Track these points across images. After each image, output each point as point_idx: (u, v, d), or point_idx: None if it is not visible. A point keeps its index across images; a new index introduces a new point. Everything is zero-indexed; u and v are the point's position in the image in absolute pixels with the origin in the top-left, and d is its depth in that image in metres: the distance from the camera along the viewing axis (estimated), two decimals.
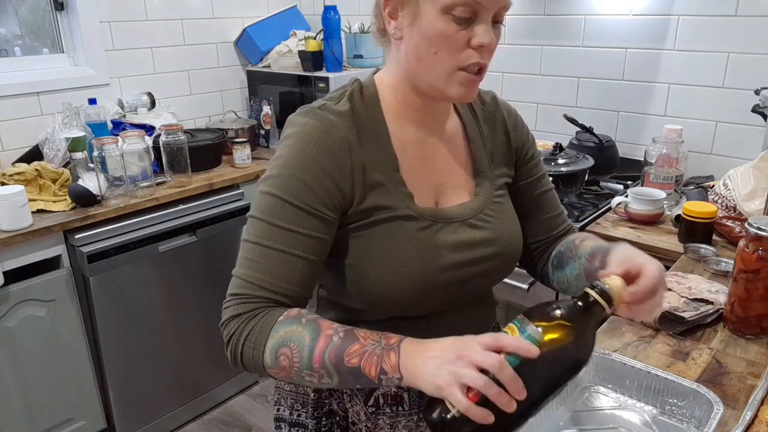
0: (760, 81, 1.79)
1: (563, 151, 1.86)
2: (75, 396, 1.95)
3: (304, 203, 0.78)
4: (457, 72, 0.78)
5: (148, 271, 2.03)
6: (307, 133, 0.80)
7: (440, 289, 0.84)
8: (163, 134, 2.10)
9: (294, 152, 0.80)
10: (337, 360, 0.72)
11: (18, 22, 2.30)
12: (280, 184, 0.79)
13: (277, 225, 0.78)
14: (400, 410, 0.92)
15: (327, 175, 0.79)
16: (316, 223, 0.79)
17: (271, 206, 0.79)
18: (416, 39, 0.78)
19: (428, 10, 0.76)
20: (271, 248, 0.78)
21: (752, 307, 1.04)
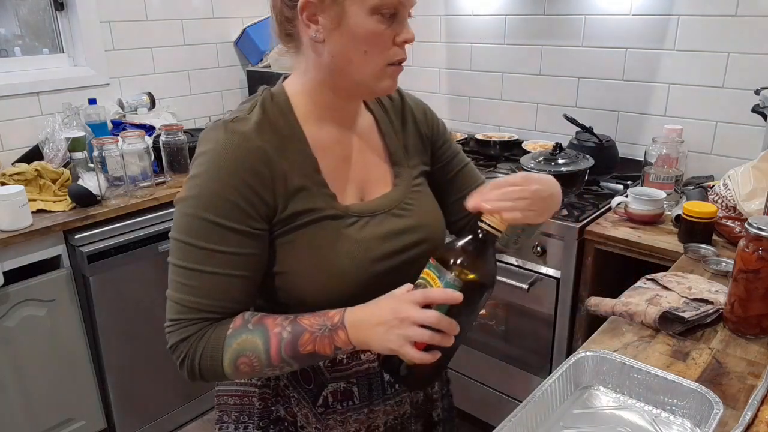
0: (760, 81, 1.79)
1: (563, 151, 1.86)
2: (75, 396, 1.95)
3: (230, 221, 0.78)
4: (387, 68, 0.82)
5: (148, 271, 2.03)
6: (222, 149, 0.78)
7: (374, 281, 0.85)
8: (163, 134, 2.10)
9: (211, 169, 0.78)
10: (294, 352, 0.77)
11: (18, 22, 2.30)
12: (203, 204, 0.78)
13: (206, 248, 0.78)
14: (350, 405, 0.93)
15: (248, 187, 0.78)
16: (245, 240, 0.79)
17: (197, 228, 0.78)
18: (344, 40, 0.79)
19: (355, 11, 0.77)
20: (204, 272, 0.79)
21: (752, 307, 1.04)
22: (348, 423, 0.93)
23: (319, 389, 0.91)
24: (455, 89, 2.58)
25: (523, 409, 0.84)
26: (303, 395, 0.92)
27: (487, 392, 2.04)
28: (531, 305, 1.85)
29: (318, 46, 0.81)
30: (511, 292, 1.87)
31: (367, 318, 0.76)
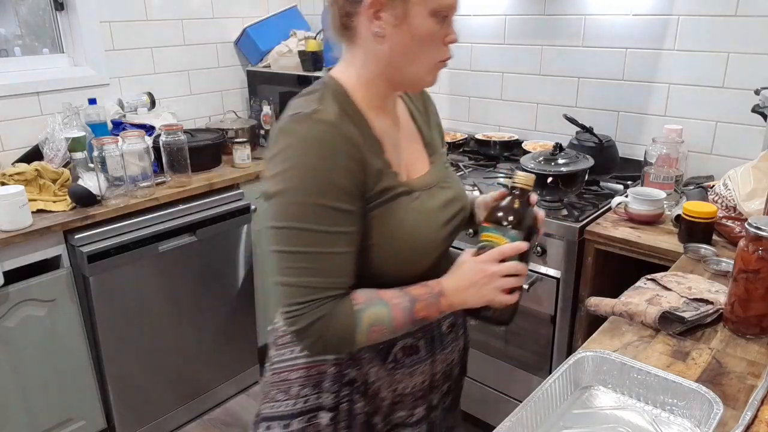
0: (760, 81, 1.79)
1: (563, 151, 1.85)
2: (75, 396, 1.95)
3: (340, 203, 0.85)
4: (437, 65, 0.91)
5: (148, 271, 2.03)
6: (315, 139, 0.84)
7: (441, 243, 0.99)
8: (163, 134, 2.10)
9: (310, 158, 0.84)
10: (411, 318, 0.92)
11: (18, 22, 2.30)
12: (311, 190, 0.84)
13: (323, 230, 0.85)
14: (416, 358, 1.05)
15: (348, 170, 0.86)
16: (353, 219, 0.88)
17: (311, 213, 0.85)
18: (404, 38, 0.87)
19: (418, 11, 0.85)
20: (324, 253, 0.86)
21: (752, 307, 1.04)
22: (415, 375, 1.05)
23: (389, 347, 1.01)
24: (455, 89, 2.58)
25: (523, 409, 0.85)
26: (374, 354, 1.01)
27: (487, 392, 2.04)
28: (531, 305, 1.85)
29: (379, 41, 0.88)
30: None
31: (460, 282, 0.92)
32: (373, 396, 1.03)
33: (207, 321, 2.27)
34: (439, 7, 0.86)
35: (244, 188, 2.31)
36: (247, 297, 2.41)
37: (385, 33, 0.87)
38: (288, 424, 1.04)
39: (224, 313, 2.33)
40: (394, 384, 1.03)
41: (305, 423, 1.03)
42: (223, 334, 2.35)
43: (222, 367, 2.39)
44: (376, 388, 1.02)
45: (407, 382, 1.05)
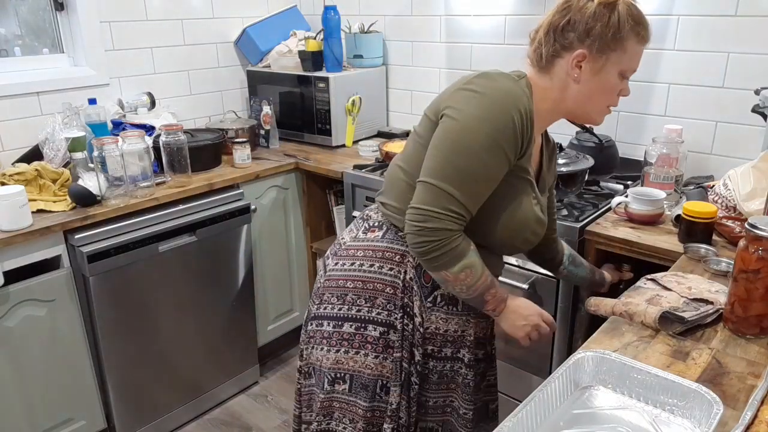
0: (760, 81, 1.79)
1: (563, 151, 1.85)
2: (75, 396, 1.95)
3: (508, 151, 1.04)
4: (606, 108, 1.15)
5: (148, 271, 2.03)
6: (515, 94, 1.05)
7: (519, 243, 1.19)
8: (163, 134, 2.10)
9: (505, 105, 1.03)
10: (482, 291, 1.13)
11: (18, 22, 2.30)
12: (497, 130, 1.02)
13: (484, 160, 1.03)
14: (454, 310, 1.23)
15: (519, 128, 1.04)
16: (506, 166, 1.06)
17: (485, 142, 1.02)
18: (594, 86, 1.10)
19: (610, 69, 1.09)
20: (479, 180, 1.04)
21: (752, 307, 1.04)
22: (450, 322, 1.24)
23: (433, 287, 1.20)
24: None
25: (523, 409, 0.84)
26: (420, 289, 1.20)
27: None
28: None
29: (571, 82, 1.10)
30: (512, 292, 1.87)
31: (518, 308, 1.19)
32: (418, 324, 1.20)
33: (207, 321, 2.27)
34: (626, 70, 1.10)
35: (244, 188, 2.31)
36: (247, 297, 2.41)
37: (580, 79, 1.09)
38: (340, 324, 1.21)
39: (224, 313, 2.33)
40: (427, 322, 1.21)
41: (355, 330, 1.20)
42: (223, 334, 2.35)
43: (222, 367, 2.39)
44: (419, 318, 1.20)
45: (441, 325, 1.23)
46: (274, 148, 2.66)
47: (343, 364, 1.22)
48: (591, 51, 1.06)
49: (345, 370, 1.22)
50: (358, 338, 1.20)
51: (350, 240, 1.25)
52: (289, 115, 2.72)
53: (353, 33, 2.70)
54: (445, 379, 1.29)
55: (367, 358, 1.20)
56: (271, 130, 2.65)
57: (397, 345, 1.19)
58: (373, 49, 2.70)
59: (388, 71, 2.79)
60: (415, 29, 2.65)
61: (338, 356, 1.22)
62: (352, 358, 1.21)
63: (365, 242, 1.22)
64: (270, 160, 2.47)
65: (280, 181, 2.45)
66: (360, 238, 1.23)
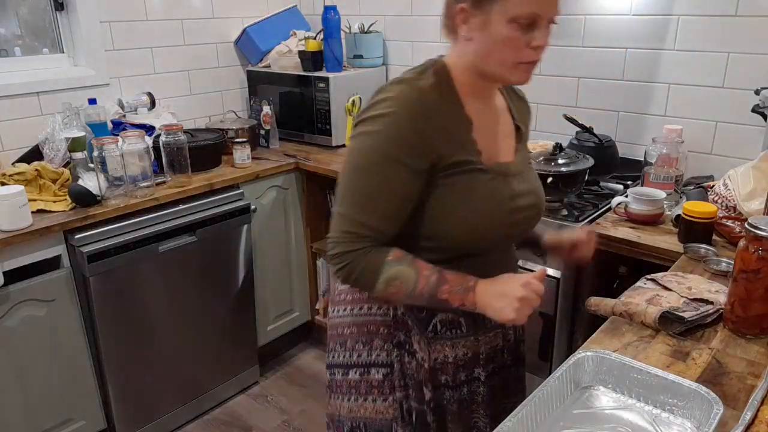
0: (760, 81, 1.79)
1: (563, 151, 1.85)
2: (75, 396, 1.95)
3: (407, 158, 0.97)
4: (518, 65, 0.99)
5: (148, 271, 2.03)
6: (406, 99, 0.98)
7: (505, 229, 1.08)
8: (163, 134, 2.10)
9: (397, 113, 0.97)
10: (432, 293, 1.01)
11: (18, 22, 2.30)
12: (389, 140, 0.97)
13: (385, 177, 0.97)
14: (458, 333, 1.14)
15: (423, 134, 0.97)
16: (413, 176, 0.98)
17: (380, 159, 0.97)
18: (486, 41, 0.98)
19: (497, 19, 0.95)
20: (379, 197, 0.98)
21: (752, 307, 1.04)
22: (457, 347, 1.15)
23: (429, 317, 1.12)
24: None
25: (523, 409, 0.84)
26: (416, 322, 1.12)
27: None
28: None
29: (467, 42, 1.00)
30: None
31: (493, 288, 1.00)
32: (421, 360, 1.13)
33: (207, 321, 2.27)
34: (517, 16, 0.94)
35: (244, 188, 2.31)
36: (247, 297, 2.41)
37: (471, 36, 0.99)
38: (346, 372, 1.19)
39: (224, 313, 2.33)
40: (434, 353, 1.13)
41: (359, 376, 1.17)
42: (223, 334, 2.35)
43: (222, 367, 2.39)
44: (422, 353, 1.12)
45: (449, 352, 1.14)
46: (274, 148, 2.66)
47: (356, 413, 1.19)
48: (469, 4, 0.97)
49: (359, 418, 1.19)
50: (364, 384, 1.17)
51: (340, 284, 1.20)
52: (289, 115, 2.71)
53: (353, 33, 2.70)
54: (464, 404, 1.21)
55: (376, 403, 1.16)
56: (271, 130, 2.65)
57: (400, 385, 1.14)
58: (373, 49, 2.70)
59: (388, 71, 2.79)
60: (415, 29, 2.65)
61: (350, 405, 1.20)
62: (362, 405, 1.18)
63: None
64: (270, 160, 2.47)
65: (280, 181, 2.45)
66: None
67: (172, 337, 2.16)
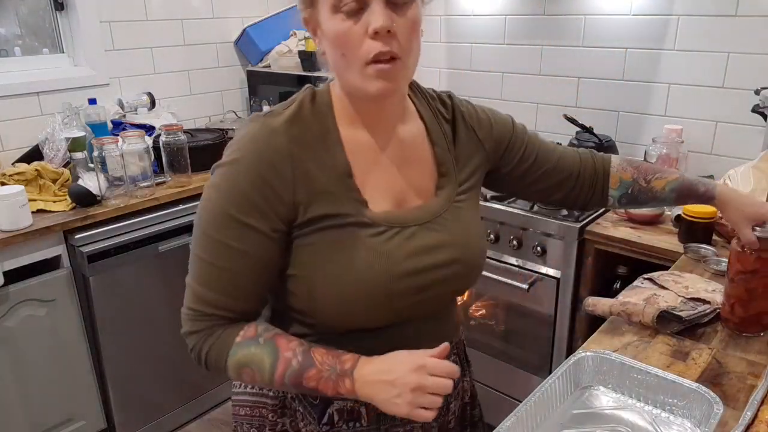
0: (760, 81, 1.79)
1: None
2: (75, 396, 1.95)
3: (248, 218, 0.76)
4: (366, 67, 0.75)
5: (148, 271, 2.03)
6: (249, 142, 0.78)
7: (396, 298, 0.81)
8: (163, 134, 2.10)
9: (237, 162, 0.78)
10: (296, 382, 0.77)
11: (18, 22, 2.30)
12: (226, 196, 0.77)
13: (223, 241, 0.77)
14: (357, 426, 0.89)
15: (267, 185, 0.76)
16: (261, 240, 0.77)
17: (217, 220, 0.78)
18: (327, 47, 0.78)
19: (323, 14, 0.75)
20: (218, 266, 0.78)
21: (753, 306, 1.04)
22: None
23: (324, 405, 0.89)
24: (455, 89, 2.55)
25: (523, 409, 0.84)
26: (308, 410, 0.90)
27: (487, 392, 2.04)
28: (531, 305, 1.85)
29: (323, 58, 0.81)
30: (511, 292, 1.88)
31: (377, 374, 0.74)
32: None
33: None
34: (335, 2, 0.73)
35: None
36: None
37: (323, 48, 0.79)
38: None
39: None
40: None
41: None
42: None
43: None
44: None
45: None
46: None
47: None
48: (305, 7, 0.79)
49: None
50: None
51: None
52: None
53: None
54: None
55: None
56: None
57: None
58: None
59: None
60: None
61: None
62: None
63: None
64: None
65: None
66: None
67: (172, 337, 2.15)
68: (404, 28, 0.75)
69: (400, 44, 0.75)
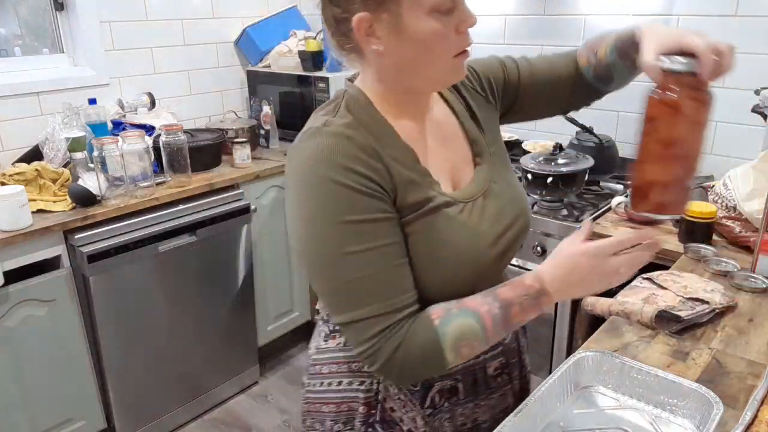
0: (760, 81, 1.79)
1: (563, 151, 1.86)
2: (75, 396, 1.95)
3: (371, 213, 0.77)
4: (455, 59, 0.80)
5: (148, 271, 2.03)
6: (328, 151, 0.76)
7: (492, 264, 0.88)
8: (163, 134, 2.10)
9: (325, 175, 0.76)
10: (506, 324, 0.81)
11: (18, 22, 2.30)
12: (337, 210, 0.75)
13: (365, 249, 0.76)
14: (457, 400, 0.95)
15: (368, 178, 0.77)
16: (390, 227, 0.79)
17: (343, 235, 0.76)
18: (406, 47, 0.78)
19: (412, 16, 0.76)
20: (373, 275, 0.77)
21: (642, 171, 0.85)
22: (455, 418, 0.95)
23: (426, 390, 0.92)
24: None
25: (523, 409, 0.84)
26: (410, 397, 0.92)
27: None
28: None
29: (381, 57, 0.80)
30: None
31: (568, 279, 0.81)
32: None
33: (207, 321, 2.27)
34: (436, 4, 0.75)
35: (244, 188, 2.31)
36: (247, 297, 2.41)
37: (384, 48, 0.78)
38: None
39: (224, 313, 2.33)
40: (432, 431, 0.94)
41: None
42: (223, 334, 2.35)
43: (222, 367, 2.39)
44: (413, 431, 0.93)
45: (447, 427, 0.95)
46: (274, 148, 2.66)
47: None
48: (369, 10, 0.77)
49: None
50: None
51: (315, 351, 1.01)
52: (289, 115, 2.71)
53: None
54: None
55: None
56: (271, 130, 2.65)
57: None
58: None
59: None
60: None
61: None
62: None
63: (328, 353, 0.97)
64: (270, 160, 2.47)
65: (280, 181, 2.45)
66: (322, 348, 0.98)
67: (172, 337, 2.16)
68: None
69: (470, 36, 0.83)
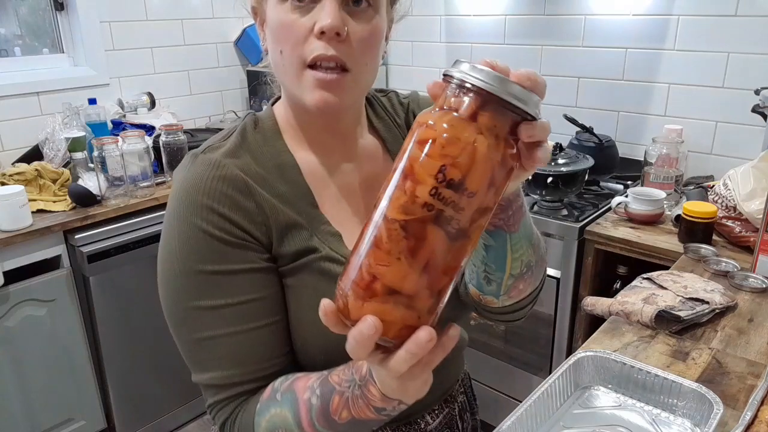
0: (760, 81, 1.79)
1: (563, 151, 1.85)
2: (75, 396, 1.95)
3: (229, 264, 0.63)
4: (304, 71, 0.63)
5: (148, 271, 2.02)
6: (191, 185, 0.63)
7: None
8: (163, 134, 2.10)
9: (184, 212, 0.64)
10: (327, 419, 0.58)
11: (18, 22, 2.30)
12: (190, 255, 0.63)
13: (215, 305, 0.63)
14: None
15: (231, 222, 0.63)
16: (256, 278, 0.64)
17: (194, 286, 0.64)
18: (268, 42, 0.66)
19: (270, 2, 0.64)
20: (220, 336, 0.64)
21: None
22: None
23: None
24: None
25: (523, 408, 0.84)
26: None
27: (487, 392, 2.04)
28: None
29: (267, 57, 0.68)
30: None
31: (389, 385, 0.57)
32: None
33: None
34: None
35: None
36: None
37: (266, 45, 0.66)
38: None
39: None
40: None
41: None
42: None
43: None
44: None
45: None
46: None
47: None
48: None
49: None
50: None
51: None
52: None
53: None
54: None
55: None
56: None
57: None
58: None
59: (388, 71, 2.79)
60: (415, 29, 2.65)
61: None
62: None
63: None
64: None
65: None
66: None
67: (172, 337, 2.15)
68: (359, 37, 0.62)
69: (353, 54, 0.62)
